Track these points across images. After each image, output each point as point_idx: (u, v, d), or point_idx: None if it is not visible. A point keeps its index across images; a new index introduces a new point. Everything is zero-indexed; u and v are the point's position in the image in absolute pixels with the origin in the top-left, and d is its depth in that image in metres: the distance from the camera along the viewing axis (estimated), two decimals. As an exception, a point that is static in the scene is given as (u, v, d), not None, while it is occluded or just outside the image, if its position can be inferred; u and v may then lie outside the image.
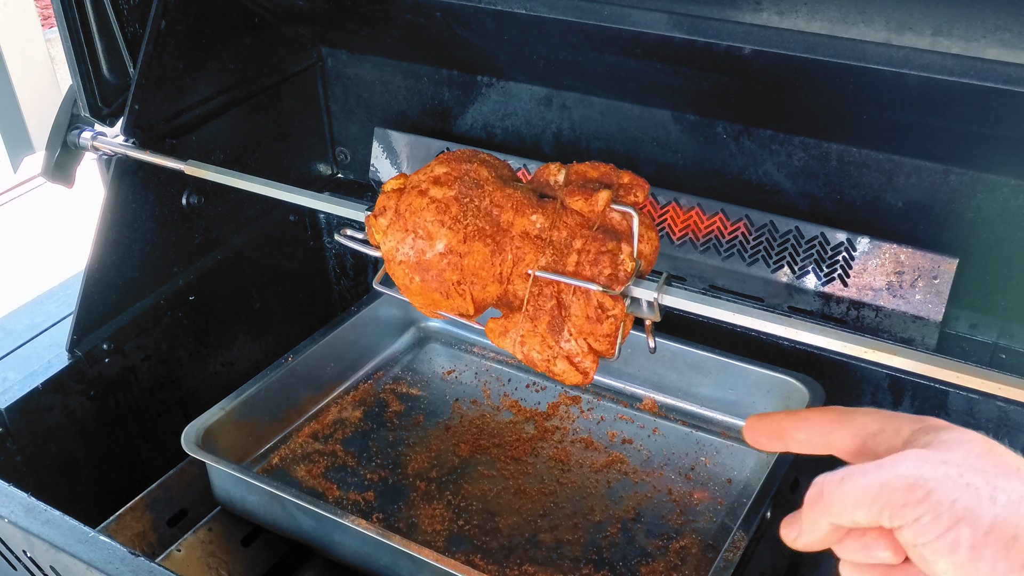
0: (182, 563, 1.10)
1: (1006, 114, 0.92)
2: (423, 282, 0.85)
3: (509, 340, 0.85)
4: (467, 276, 0.84)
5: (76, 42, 1.17)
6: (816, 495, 0.55)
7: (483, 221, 0.83)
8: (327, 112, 1.54)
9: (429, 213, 0.84)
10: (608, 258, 0.79)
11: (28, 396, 1.15)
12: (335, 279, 1.62)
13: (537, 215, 0.83)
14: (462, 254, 0.84)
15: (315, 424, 1.27)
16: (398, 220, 0.86)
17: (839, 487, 0.53)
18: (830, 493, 0.53)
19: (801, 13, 0.90)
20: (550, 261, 0.81)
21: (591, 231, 0.80)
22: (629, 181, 0.82)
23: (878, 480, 0.51)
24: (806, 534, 0.57)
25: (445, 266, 0.84)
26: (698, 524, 1.12)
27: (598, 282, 0.79)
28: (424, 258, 0.84)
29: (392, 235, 0.87)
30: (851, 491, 0.52)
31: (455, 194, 0.84)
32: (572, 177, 0.84)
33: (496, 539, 1.11)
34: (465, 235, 0.83)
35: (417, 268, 0.85)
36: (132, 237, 1.24)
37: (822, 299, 1.20)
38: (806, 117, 1.15)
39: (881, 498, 0.50)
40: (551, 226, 0.82)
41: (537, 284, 0.82)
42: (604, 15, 1.01)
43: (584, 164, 0.84)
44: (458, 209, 0.84)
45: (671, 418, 1.27)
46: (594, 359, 0.83)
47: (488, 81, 1.38)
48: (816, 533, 0.56)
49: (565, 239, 0.81)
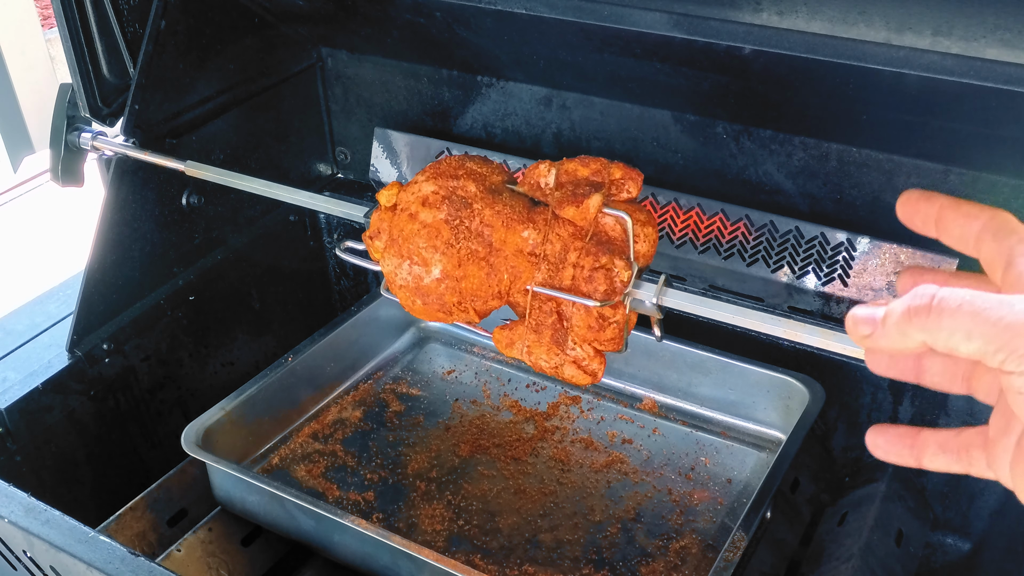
0: (182, 563, 1.10)
1: (1006, 114, 0.92)
2: (425, 304, 0.87)
3: (516, 350, 0.86)
4: (467, 297, 0.85)
5: (76, 42, 1.17)
6: (923, 308, 0.49)
7: (475, 243, 0.84)
8: (327, 112, 1.54)
9: (421, 239, 0.85)
10: (602, 274, 0.79)
11: (28, 396, 1.15)
12: (335, 279, 1.62)
13: (529, 230, 0.83)
14: (458, 278, 0.85)
15: (315, 424, 1.27)
16: (393, 245, 0.87)
17: (957, 311, 0.47)
18: (943, 313, 0.48)
19: (801, 13, 0.90)
20: (546, 277, 0.82)
21: (584, 242, 0.80)
22: (621, 176, 0.81)
23: (1005, 319, 0.46)
24: (887, 338, 0.51)
25: (444, 290, 0.85)
26: (698, 524, 1.12)
27: (595, 298, 0.79)
28: (422, 284, 0.86)
29: (389, 260, 0.88)
30: (969, 320, 0.47)
31: (445, 217, 0.84)
32: (562, 178, 0.83)
33: (496, 539, 1.11)
34: (459, 259, 0.84)
35: (417, 293, 0.87)
36: (132, 237, 1.24)
37: (822, 299, 1.20)
38: (806, 117, 1.15)
39: (1002, 339, 0.46)
40: (544, 240, 0.82)
41: (537, 298, 0.83)
42: (604, 15, 1.01)
43: (575, 161, 0.83)
44: (449, 233, 0.84)
45: (671, 418, 1.27)
46: (601, 360, 0.84)
47: (488, 81, 1.38)
48: (901, 342, 0.50)
49: (559, 252, 0.81)
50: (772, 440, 1.22)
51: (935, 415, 1.17)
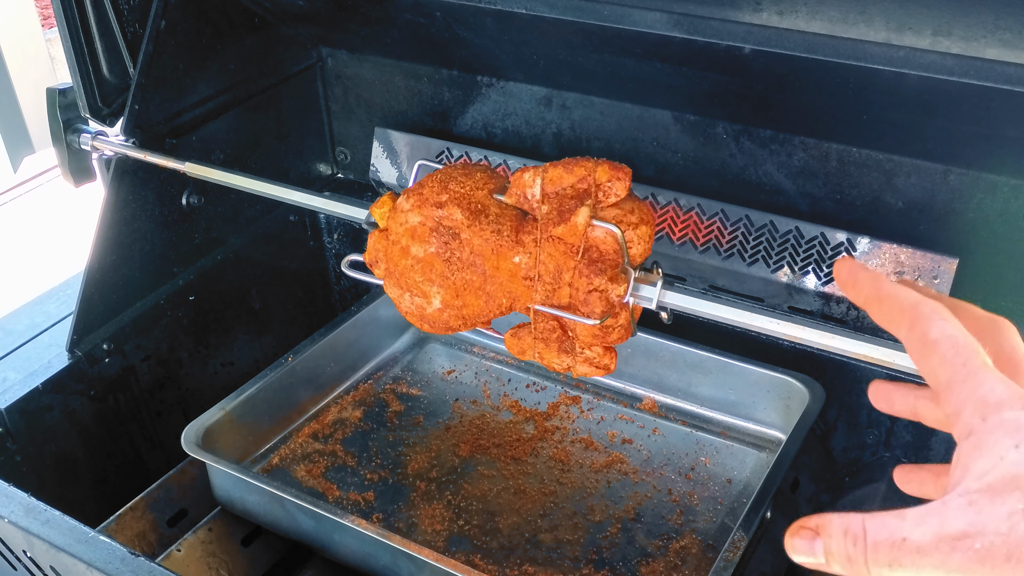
0: (182, 563, 1.10)
1: (1006, 114, 0.92)
2: (433, 328, 0.90)
3: (528, 356, 0.88)
4: (470, 319, 0.88)
5: (76, 42, 1.17)
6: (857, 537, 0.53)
7: (469, 273, 0.85)
8: (327, 112, 1.54)
9: (416, 274, 0.87)
10: (597, 297, 0.80)
11: (28, 396, 1.15)
12: (335, 279, 1.62)
13: (520, 255, 0.83)
14: (459, 307, 0.87)
15: (315, 424, 1.27)
16: (390, 277, 0.90)
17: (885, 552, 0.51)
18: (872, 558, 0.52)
19: (801, 13, 0.90)
20: (543, 297, 0.83)
21: (577, 260, 0.80)
22: (608, 178, 0.80)
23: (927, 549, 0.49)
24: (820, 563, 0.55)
25: (447, 318, 0.88)
26: (698, 524, 1.12)
27: (593, 318, 0.80)
28: (426, 313, 0.89)
29: (391, 288, 0.91)
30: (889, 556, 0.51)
31: (435, 251, 0.86)
32: (547, 188, 0.82)
33: (496, 539, 1.11)
34: (456, 291, 0.86)
35: (422, 320, 0.90)
36: (132, 237, 1.24)
37: (822, 299, 1.20)
38: (806, 117, 1.15)
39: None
40: (535, 263, 0.82)
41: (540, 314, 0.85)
42: (604, 15, 1.01)
43: (559, 167, 0.81)
44: (442, 266, 0.86)
45: (671, 418, 1.27)
46: (612, 354, 0.85)
47: (488, 81, 1.38)
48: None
49: (553, 272, 0.82)
50: (772, 440, 1.22)
51: (935, 415, 1.17)
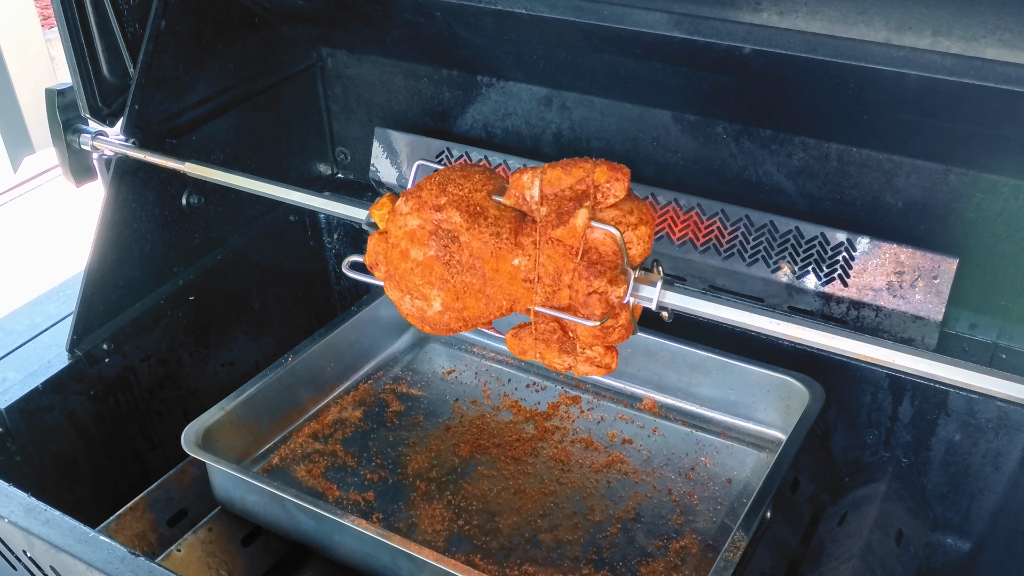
0: (182, 563, 1.10)
1: (1006, 114, 0.92)
2: (433, 329, 0.90)
3: (529, 356, 0.88)
4: (471, 320, 0.88)
5: (76, 42, 1.17)
6: None
7: (469, 276, 0.85)
8: (327, 112, 1.54)
9: (416, 277, 0.87)
10: (596, 299, 0.80)
11: (28, 396, 1.15)
12: (335, 279, 1.62)
13: (519, 257, 0.83)
14: (459, 309, 0.87)
15: (315, 424, 1.27)
16: (391, 280, 0.90)
17: None
18: None
19: (801, 13, 0.90)
20: (543, 299, 0.83)
21: (576, 262, 0.81)
22: (607, 179, 0.80)
23: None
24: None
25: (448, 319, 0.88)
26: (698, 524, 1.12)
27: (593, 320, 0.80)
28: (427, 315, 0.89)
29: (392, 291, 0.91)
30: None
31: (435, 253, 0.86)
32: (546, 190, 0.82)
33: (496, 539, 1.11)
34: (456, 293, 0.86)
35: (423, 322, 0.90)
36: (132, 237, 1.24)
37: (822, 299, 1.20)
38: (806, 117, 1.15)
39: None
40: (535, 265, 0.82)
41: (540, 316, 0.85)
42: (604, 15, 1.01)
43: (557, 168, 0.82)
44: (442, 269, 0.86)
45: (671, 418, 1.27)
46: (613, 353, 0.85)
47: (488, 81, 1.38)
48: None
49: (553, 274, 0.82)
50: (772, 440, 1.22)
51: (935, 415, 1.17)
